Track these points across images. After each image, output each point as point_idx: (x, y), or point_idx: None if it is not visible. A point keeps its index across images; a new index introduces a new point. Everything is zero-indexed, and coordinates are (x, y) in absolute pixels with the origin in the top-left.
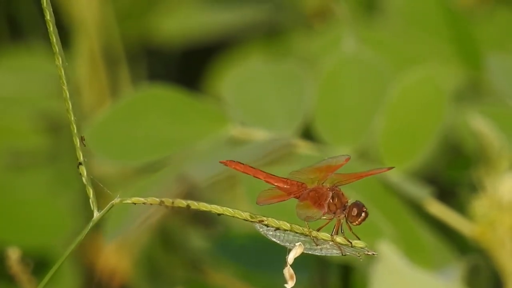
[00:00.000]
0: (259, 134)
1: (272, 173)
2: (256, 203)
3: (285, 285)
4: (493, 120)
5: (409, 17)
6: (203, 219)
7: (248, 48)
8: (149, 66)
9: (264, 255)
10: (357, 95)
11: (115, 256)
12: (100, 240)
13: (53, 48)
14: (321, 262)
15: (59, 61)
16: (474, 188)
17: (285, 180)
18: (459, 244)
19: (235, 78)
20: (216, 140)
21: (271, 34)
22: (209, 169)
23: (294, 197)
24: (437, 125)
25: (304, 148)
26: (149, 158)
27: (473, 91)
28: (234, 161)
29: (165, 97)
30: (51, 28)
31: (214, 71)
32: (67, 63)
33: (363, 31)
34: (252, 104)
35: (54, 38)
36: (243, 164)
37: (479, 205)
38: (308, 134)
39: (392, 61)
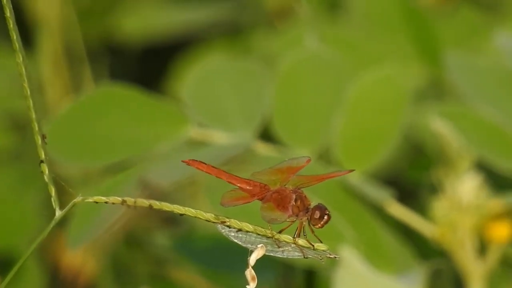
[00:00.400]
0: (218, 136)
1: (234, 174)
2: (221, 204)
3: (247, 286)
4: (453, 120)
5: (371, 16)
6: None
7: (209, 47)
8: (111, 64)
9: (228, 255)
10: (316, 95)
11: (80, 254)
12: (64, 239)
13: (14, 46)
14: (286, 264)
15: (19, 58)
16: (434, 189)
17: (248, 181)
18: (420, 245)
19: (194, 78)
20: (176, 141)
21: (233, 33)
22: (171, 172)
23: (258, 199)
24: (397, 125)
25: (263, 149)
26: (108, 159)
27: (435, 90)
28: (196, 161)
29: (125, 97)
30: (11, 26)
31: (176, 70)
32: (27, 61)
33: (325, 29)
34: (211, 105)
35: (15, 35)
36: (205, 164)
37: (439, 206)
38: (267, 134)
39: (353, 60)
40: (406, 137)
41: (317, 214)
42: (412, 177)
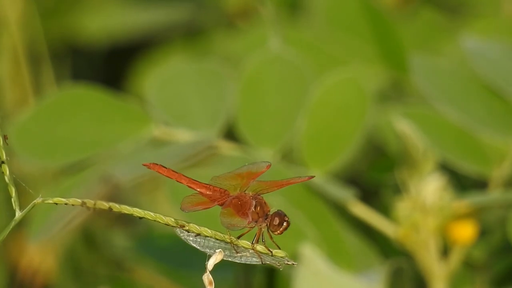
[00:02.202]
0: (182, 135)
1: (194, 179)
2: (181, 209)
3: None
4: (416, 122)
5: (332, 17)
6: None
7: (170, 47)
8: (73, 65)
9: (187, 253)
10: (280, 96)
11: (39, 255)
12: (24, 240)
13: None
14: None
15: None
16: (397, 190)
17: (208, 186)
18: (382, 246)
19: (157, 78)
20: (139, 140)
21: (193, 33)
22: (132, 170)
23: (218, 204)
24: (359, 126)
25: (226, 149)
26: (71, 158)
27: (397, 92)
28: (157, 164)
29: (88, 97)
30: None
31: (137, 70)
32: None
33: (286, 31)
34: (174, 104)
35: None
36: (166, 168)
37: (403, 207)
38: (231, 134)
39: (315, 62)
40: (368, 137)
41: (276, 221)
42: (374, 177)
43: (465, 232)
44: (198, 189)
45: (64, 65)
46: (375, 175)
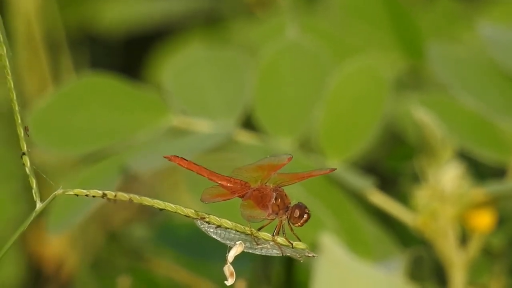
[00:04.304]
0: (200, 124)
1: (215, 171)
2: (201, 200)
3: (225, 282)
4: (434, 109)
5: (349, 6)
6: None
7: (189, 35)
8: (91, 54)
9: (206, 244)
10: (298, 84)
11: (61, 247)
12: (43, 230)
13: None
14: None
15: (3, 50)
16: (416, 178)
17: (229, 178)
18: (401, 234)
19: (175, 66)
20: (158, 130)
21: (212, 22)
22: (151, 161)
23: (238, 196)
24: (377, 114)
25: (245, 137)
26: (90, 147)
27: (414, 80)
28: (178, 157)
29: (107, 85)
30: None
31: (155, 59)
32: (11, 53)
33: (304, 20)
34: (192, 93)
35: None
36: (187, 160)
37: (421, 195)
38: (249, 123)
39: (332, 51)
40: (386, 126)
41: (296, 213)
42: (392, 165)
43: (483, 220)
44: (219, 181)
45: (82, 54)
46: (393, 164)
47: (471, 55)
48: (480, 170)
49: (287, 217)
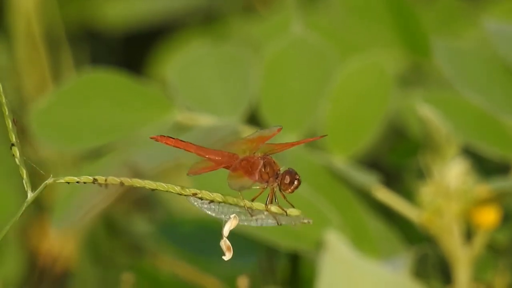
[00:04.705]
0: (205, 120)
1: (203, 146)
2: (187, 174)
3: (223, 257)
4: (438, 106)
5: (351, 4)
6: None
7: (189, 33)
8: (91, 51)
9: (208, 239)
10: (302, 80)
11: (59, 241)
12: (44, 225)
13: None
14: (270, 248)
15: None
16: (421, 174)
17: (217, 151)
18: (406, 231)
19: (178, 62)
20: (161, 125)
21: (212, 18)
22: (154, 157)
23: (225, 167)
24: (382, 110)
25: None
26: (93, 143)
27: (417, 76)
28: (164, 136)
29: (110, 81)
30: None
31: (156, 56)
32: None
33: (306, 17)
34: (196, 89)
35: None
36: (173, 138)
37: (426, 191)
38: (254, 119)
39: (336, 48)
40: (390, 122)
41: (287, 179)
42: (396, 162)
43: (488, 216)
44: (207, 155)
45: (82, 51)
46: (398, 160)
47: (475, 50)
48: (484, 166)
49: (278, 184)
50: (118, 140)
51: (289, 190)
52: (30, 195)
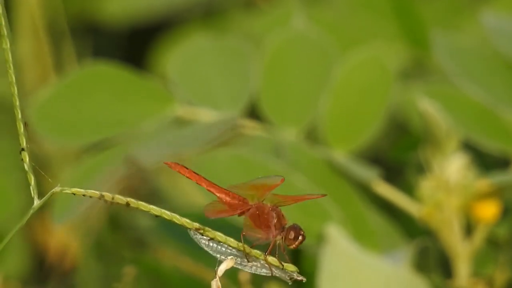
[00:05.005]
0: (205, 114)
1: (214, 183)
2: (206, 215)
3: None
4: (438, 100)
5: None
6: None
7: (191, 27)
8: (94, 44)
9: None
10: (303, 74)
11: (65, 237)
12: (49, 220)
13: (1, 31)
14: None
15: (6, 44)
16: (421, 169)
17: (227, 192)
18: (406, 225)
19: (180, 56)
20: (162, 119)
21: (213, 13)
22: (155, 153)
23: (240, 213)
24: (383, 104)
25: (250, 128)
26: (93, 137)
27: (418, 70)
28: (179, 164)
29: (111, 75)
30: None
31: (158, 50)
32: (14, 46)
33: (308, 11)
34: (197, 83)
35: (3, 20)
36: (187, 168)
37: (426, 186)
38: (254, 113)
39: (337, 42)
40: (391, 116)
41: (291, 235)
42: (397, 156)
43: (488, 210)
44: (218, 194)
45: (85, 45)
46: (399, 154)
47: (475, 45)
48: (485, 161)
49: (282, 237)
50: (119, 134)
51: (293, 246)
52: (37, 202)
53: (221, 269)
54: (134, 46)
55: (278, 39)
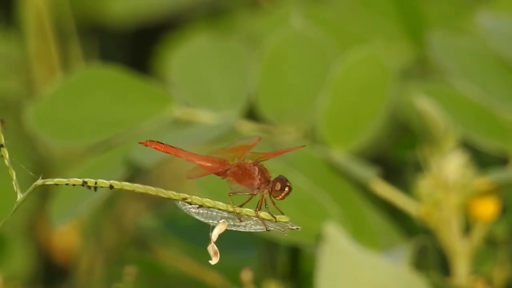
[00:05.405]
0: (204, 115)
1: (193, 152)
2: (186, 177)
3: (210, 261)
4: (437, 99)
5: None
6: None
7: (195, 27)
8: (100, 44)
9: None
10: (302, 74)
11: (66, 235)
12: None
13: None
14: (269, 242)
15: None
16: (420, 167)
17: (207, 157)
18: (405, 224)
19: (179, 57)
20: (161, 121)
21: (217, 13)
22: (153, 152)
23: (219, 173)
24: (381, 103)
25: (248, 127)
26: (93, 138)
27: (420, 69)
28: (154, 141)
29: (110, 77)
30: None
31: (162, 50)
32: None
33: (309, 9)
34: (196, 84)
35: None
36: (162, 143)
37: (425, 184)
38: (253, 113)
39: (337, 40)
40: (391, 115)
41: (278, 186)
42: (397, 155)
43: (487, 209)
44: (198, 161)
45: (91, 44)
46: (398, 153)
47: (472, 44)
48: (483, 159)
49: (269, 191)
50: (119, 135)
51: (280, 197)
52: (20, 196)
53: (215, 233)
54: (140, 45)
55: (276, 38)
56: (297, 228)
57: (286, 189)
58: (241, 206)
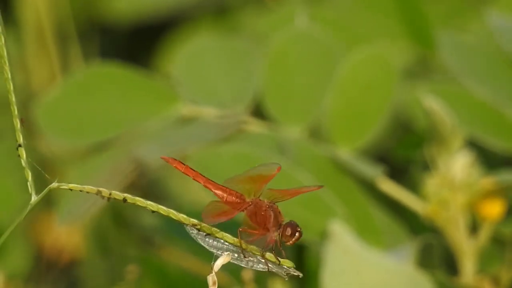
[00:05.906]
0: (209, 112)
1: (210, 179)
2: (204, 220)
3: None
4: (443, 98)
5: None
6: None
7: (198, 25)
8: (100, 43)
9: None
10: (307, 72)
11: (65, 234)
12: (50, 219)
13: None
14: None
15: (1, 40)
16: (426, 166)
17: (224, 188)
18: (411, 222)
19: (184, 55)
20: (167, 118)
21: (222, 11)
22: (161, 148)
23: (237, 211)
24: (386, 102)
25: (254, 125)
26: (99, 136)
27: (423, 68)
28: (176, 160)
29: (115, 75)
30: None
31: (165, 48)
32: (9, 42)
33: (313, 9)
34: (201, 82)
35: None
36: (184, 164)
37: (431, 183)
38: (258, 111)
39: (342, 40)
40: (395, 114)
41: (288, 231)
42: (402, 154)
43: (493, 208)
44: (214, 190)
45: (91, 44)
46: (403, 152)
47: (480, 43)
48: (489, 159)
49: (279, 234)
50: (124, 133)
51: (290, 242)
52: (34, 197)
53: (217, 264)
54: (142, 44)
55: (282, 37)
56: (299, 275)
57: (297, 234)
58: (248, 242)
